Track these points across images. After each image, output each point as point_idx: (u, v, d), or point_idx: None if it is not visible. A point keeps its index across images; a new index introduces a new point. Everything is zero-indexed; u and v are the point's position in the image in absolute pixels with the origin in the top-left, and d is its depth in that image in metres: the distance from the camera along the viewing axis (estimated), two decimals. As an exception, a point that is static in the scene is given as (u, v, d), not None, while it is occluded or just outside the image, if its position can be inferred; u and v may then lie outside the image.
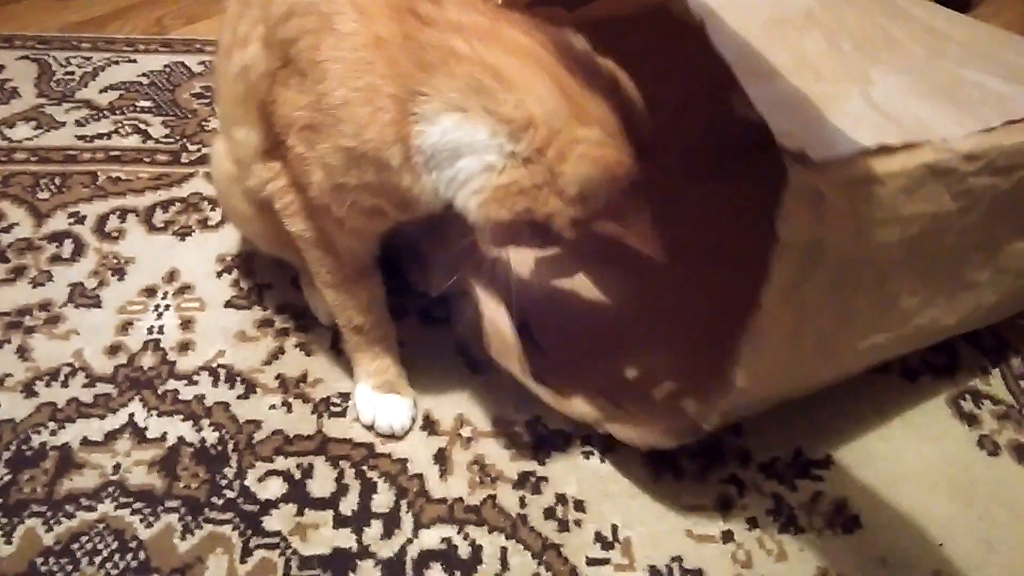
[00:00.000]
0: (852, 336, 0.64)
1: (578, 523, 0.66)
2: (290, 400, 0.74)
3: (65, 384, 0.74)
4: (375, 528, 0.65)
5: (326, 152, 0.57)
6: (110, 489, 0.66)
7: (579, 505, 0.66)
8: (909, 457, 0.70)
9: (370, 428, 0.71)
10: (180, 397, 0.73)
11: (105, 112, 1.08)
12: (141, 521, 0.64)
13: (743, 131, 0.58)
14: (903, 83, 0.64)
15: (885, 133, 0.57)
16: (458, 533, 0.65)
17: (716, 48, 0.53)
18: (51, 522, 0.64)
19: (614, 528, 0.65)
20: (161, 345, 0.78)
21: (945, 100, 0.63)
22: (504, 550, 0.64)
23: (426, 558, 0.63)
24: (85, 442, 0.69)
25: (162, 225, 0.91)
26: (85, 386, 0.74)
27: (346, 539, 0.64)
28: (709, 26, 0.53)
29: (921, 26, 0.73)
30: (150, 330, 0.79)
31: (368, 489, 0.67)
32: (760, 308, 0.54)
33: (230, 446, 0.70)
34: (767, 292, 0.53)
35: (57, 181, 0.96)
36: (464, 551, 0.64)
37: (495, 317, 0.67)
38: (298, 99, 0.58)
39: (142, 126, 1.06)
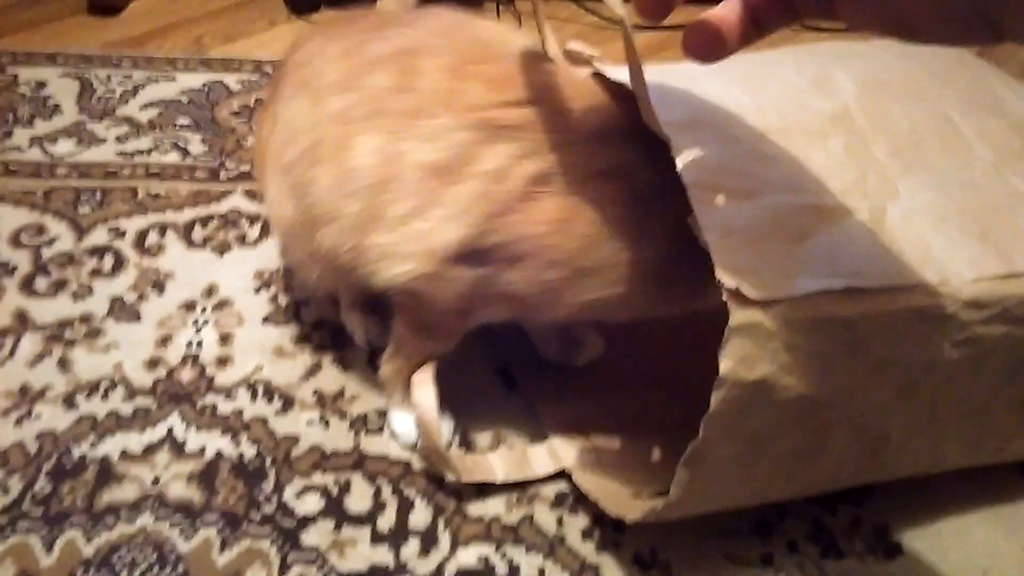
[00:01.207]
0: (827, 465, 0.58)
1: (616, 544, 0.65)
2: (327, 416, 0.74)
3: (105, 397, 0.74)
4: (412, 545, 0.65)
5: None
6: (149, 501, 0.66)
7: (617, 526, 0.66)
8: (951, 482, 0.69)
9: (414, 447, 0.71)
10: (218, 412, 0.74)
11: (145, 129, 1.10)
12: (180, 534, 0.64)
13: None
14: (933, 202, 0.55)
15: (871, 267, 0.50)
16: (496, 552, 0.64)
17: (678, 168, 0.49)
18: (91, 533, 0.64)
19: (652, 550, 0.65)
20: (200, 359, 0.78)
21: (973, 230, 0.54)
22: (542, 570, 0.63)
23: (464, 576, 0.63)
24: (124, 455, 0.70)
25: (201, 241, 0.92)
26: (125, 399, 0.74)
27: (383, 556, 0.64)
28: (675, 145, 0.49)
29: (1011, 124, 0.63)
30: (189, 344, 0.80)
31: (405, 506, 0.67)
32: (700, 436, 0.49)
33: (268, 461, 0.70)
34: (707, 424, 0.49)
35: (98, 196, 0.97)
36: (502, 570, 0.63)
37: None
38: None
39: (181, 143, 1.07)
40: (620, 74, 0.54)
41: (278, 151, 0.65)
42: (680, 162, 0.49)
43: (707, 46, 0.45)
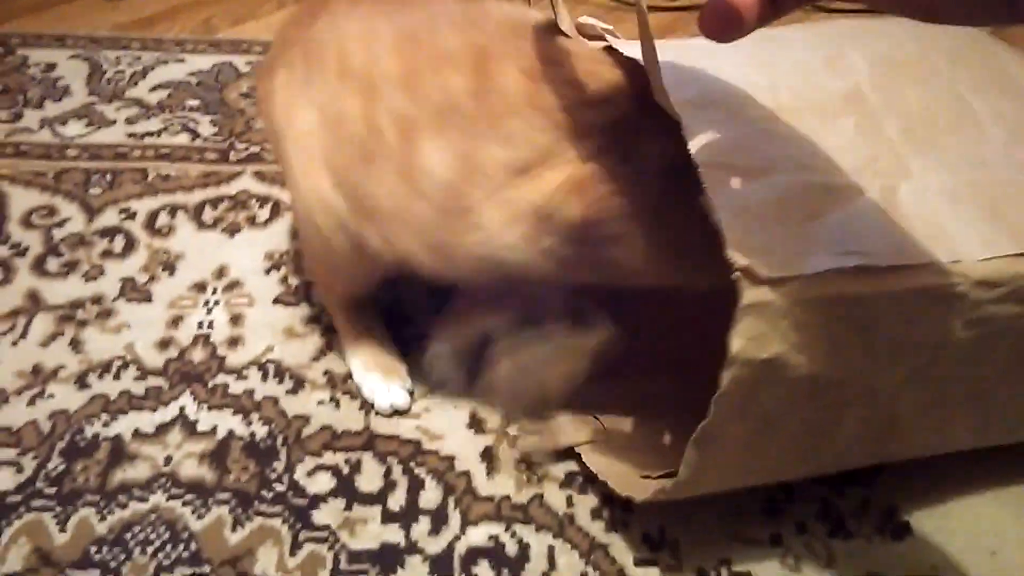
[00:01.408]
0: (838, 444, 0.58)
1: (625, 524, 0.65)
2: (338, 396, 0.74)
3: (117, 377, 0.75)
4: (423, 524, 0.65)
5: None
6: (162, 480, 0.67)
7: (626, 506, 0.66)
8: (959, 464, 0.69)
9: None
10: (230, 391, 0.74)
11: (155, 110, 1.10)
12: (192, 512, 0.65)
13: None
14: (944, 181, 0.55)
15: (882, 246, 0.50)
16: (505, 531, 0.65)
17: (689, 149, 0.48)
18: (104, 512, 0.65)
19: (661, 529, 0.65)
20: (211, 340, 0.79)
21: (985, 209, 0.54)
22: (552, 548, 0.64)
23: (474, 555, 0.63)
24: (137, 434, 0.70)
25: (211, 222, 0.92)
26: (137, 379, 0.75)
27: (394, 534, 0.64)
28: (687, 125, 0.49)
29: None
30: (200, 325, 0.80)
31: (416, 485, 0.68)
32: (709, 415, 0.49)
33: (279, 440, 0.70)
34: (718, 404, 0.49)
35: (108, 177, 0.98)
36: (512, 549, 0.64)
37: None
38: None
39: (191, 124, 1.07)
40: (632, 49, 0.54)
41: (317, 139, 0.64)
42: (692, 142, 0.49)
43: (724, 25, 0.44)
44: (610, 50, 0.58)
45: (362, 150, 0.61)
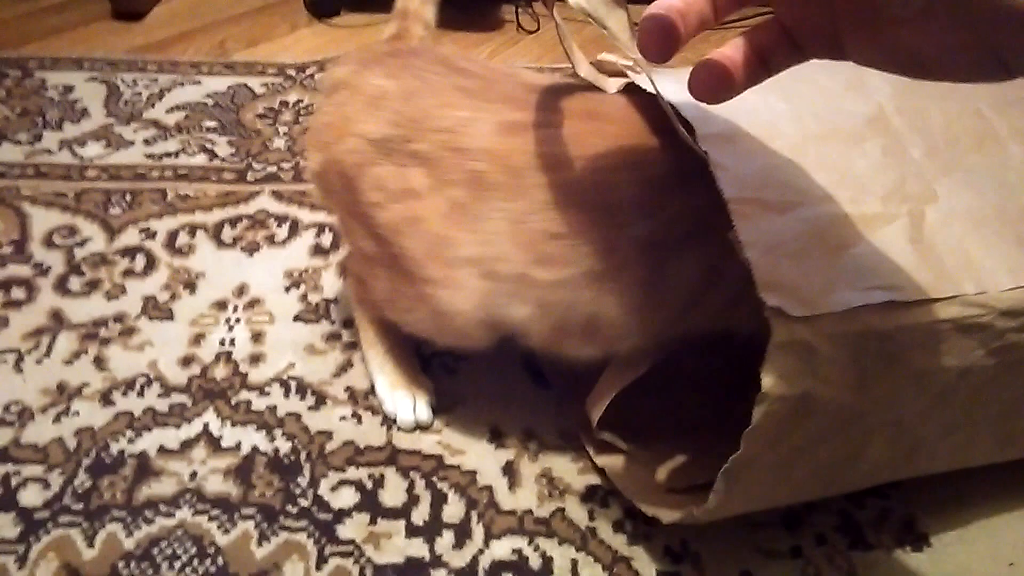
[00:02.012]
0: (862, 468, 0.58)
1: (647, 536, 0.66)
2: (360, 412, 0.75)
3: (141, 394, 0.76)
4: (447, 538, 0.66)
5: None
6: (187, 496, 0.67)
7: (648, 519, 0.66)
8: (979, 476, 0.69)
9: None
10: (253, 408, 0.75)
11: (172, 132, 1.11)
12: (218, 527, 0.65)
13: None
14: (970, 205, 0.55)
15: (909, 279, 0.50)
16: (528, 544, 0.65)
17: (719, 185, 0.49)
18: (131, 527, 0.65)
19: (683, 542, 0.66)
20: (233, 357, 0.80)
21: (1010, 234, 0.55)
22: (575, 562, 0.64)
23: (498, 568, 0.64)
24: (162, 450, 0.71)
25: (230, 241, 0.93)
26: (160, 396, 0.76)
27: (419, 548, 0.65)
28: (713, 160, 0.49)
29: None
30: (222, 342, 0.81)
31: (439, 500, 0.68)
32: (741, 450, 0.50)
33: (303, 456, 0.71)
34: (749, 438, 0.49)
35: (128, 198, 0.99)
36: (535, 562, 0.64)
37: None
38: None
39: (208, 145, 1.09)
40: (659, 80, 0.54)
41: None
42: (720, 177, 0.49)
43: (714, 86, 0.44)
44: (632, 87, 0.59)
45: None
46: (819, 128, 0.57)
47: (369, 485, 0.69)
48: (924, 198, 0.55)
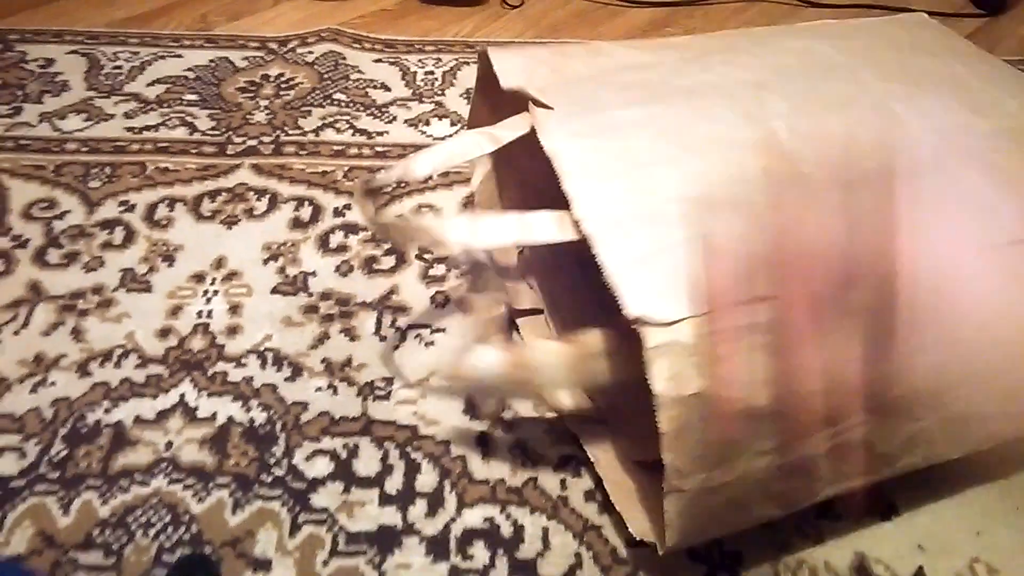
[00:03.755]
0: (819, 474, 0.57)
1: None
2: (335, 383, 0.75)
3: (118, 365, 0.76)
4: (420, 506, 0.66)
5: None
6: (163, 465, 0.68)
7: (619, 488, 0.67)
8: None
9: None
10: (229, 379, 0.75)
11: (153, 105, 1.11)
12: (193, 496, 0.66)
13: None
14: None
15: None
16: (500, 512, 0.66)
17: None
18: (106, 495, 0.66)
19: (653, 511, 0.66)
20: (210, 329, 0.80)
21: None
22: (546, 530, 0.65)
23: (469, 536, 0.64)
24: (138, 420, 0.71)
25: (209, 214, 0.93)
26: (137, 367, 0.76)
27: (391, 516, 0.65)
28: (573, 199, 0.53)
29: (971, 107, 0.63)
30: (199, 314, 0.81)
31: (412, 469, 0.69)
32: (666, 463, 0.49)
33: (278, 426, 0.71)
34: (664, 445, 0.48)
35: (107, 170, 0.99)
36: (506, 530, 0.65)
37: None
38: None
39: (188, 119, 1.09)
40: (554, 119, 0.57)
41: None
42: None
43: None
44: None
45: None
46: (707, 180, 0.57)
47: (343, 455, 0.69)
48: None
